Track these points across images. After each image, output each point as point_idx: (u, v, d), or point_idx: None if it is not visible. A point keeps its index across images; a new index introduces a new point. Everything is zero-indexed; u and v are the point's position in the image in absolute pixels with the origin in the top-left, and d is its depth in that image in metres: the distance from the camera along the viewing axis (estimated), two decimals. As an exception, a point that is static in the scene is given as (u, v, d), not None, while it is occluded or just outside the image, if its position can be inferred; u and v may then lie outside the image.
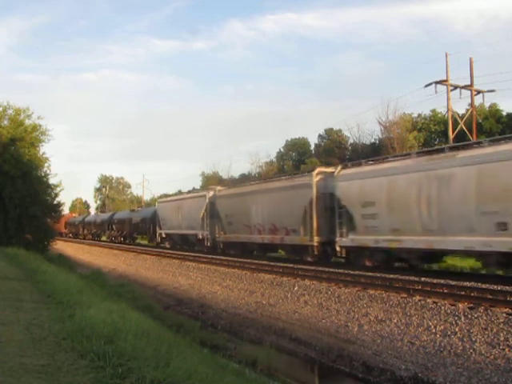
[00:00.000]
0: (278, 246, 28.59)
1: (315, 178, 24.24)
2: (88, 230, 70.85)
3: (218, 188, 36.70)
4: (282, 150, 72.16)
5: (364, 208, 20.71)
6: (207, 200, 35.37)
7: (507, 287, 14.14)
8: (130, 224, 54.39)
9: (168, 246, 43.71)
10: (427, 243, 17.95)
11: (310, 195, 24.04)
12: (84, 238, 69.10)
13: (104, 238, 64.30)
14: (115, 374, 5.13)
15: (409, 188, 18.67)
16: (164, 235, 44.20)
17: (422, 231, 18.13)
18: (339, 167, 23.49)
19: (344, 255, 22.68)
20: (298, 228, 24.91)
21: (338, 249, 22.37)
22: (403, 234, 18.88)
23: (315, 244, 23.72)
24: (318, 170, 25.40)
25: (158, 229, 45.12)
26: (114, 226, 60.01)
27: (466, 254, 19.13)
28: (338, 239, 22.17)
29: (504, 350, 10.02)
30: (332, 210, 22.94)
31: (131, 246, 47.20)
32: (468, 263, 22.16)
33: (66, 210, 65.10)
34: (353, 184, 21.56)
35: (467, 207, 16.45)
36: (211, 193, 35.67)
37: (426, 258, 19.81)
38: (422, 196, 18.08)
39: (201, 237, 35.99)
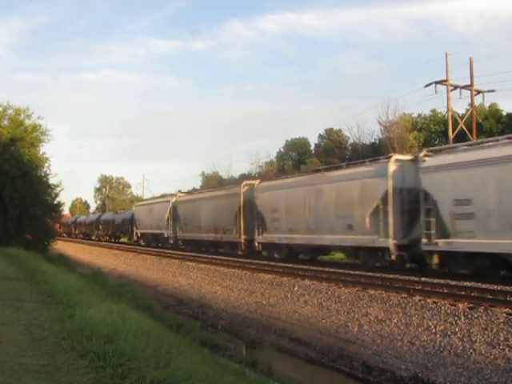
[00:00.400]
0: (218, 243, 34.38)
1: (243, 189, 30.82)
2: (79, 230, 77.46)
3: (179, 194, 43.75)
4: (282, 150, 72.24)
5: (272, 213, 27.38)
6: (170, 205, 41.96)
7: (507, 287, 14.15)
8: (113, 224, 60.84)
9: (143, 243, 49.79)
10: (309, 240, 24.65)
11: (239, 202, 30.67)
12: (76, 237, 74.71)
13: (94, 237, 68.82)
14: (115, 374, 5.13)
15: (298, 198, 25.16)
16: (139, 234, 50.79)
17: (306, 231, 24.60)
18: (258, 181, 31.40)
19: (261, 249, 29.37)
20: (232, 228, 31.45)
21: (256, 244, 29.19)
22: (295, 233, 25.53)
23: (242, 241, 30.42)
24: (245, 182, 32.42)
25: (134, 228, 51.47)
26: (100, 227, 66.47)
27: (333, 248, 25.44)
28: (256, 237, 29.04)
29: (504, 349, 10.02)
30: (253, 214, 29.40)
31: (131, 246, 47.16)
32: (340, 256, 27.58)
33: (66, 210, 69.04)
34: (265, 194, 28.48)
35: (330, 213, 22.93)
36: (174, 198, 42.29)
37: (316, 252, 26.18)
38: (306, 204, 24.55)
39: (166, 235, 42.28)
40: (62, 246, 44.13)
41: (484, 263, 16.71)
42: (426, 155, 18.97)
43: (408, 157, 21.18)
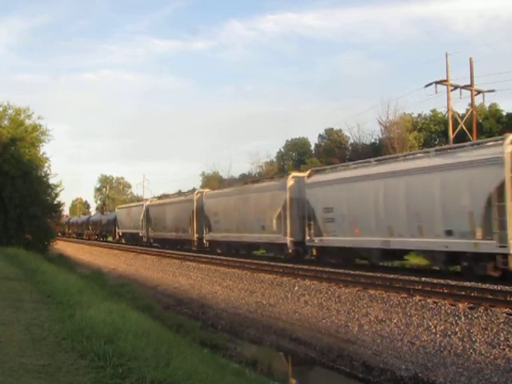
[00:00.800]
0: (178, 241, 39.94)
1: (195, 196, 37.30)
2: (72, 230, 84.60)
3: (150, 198, 51.84)
4: (282, 149, 72.20)
5: (214, 216, 33.77)
6: (144, 208, 48.12)
7: (507, 287, 14.15)
8: (100, 225, 67.20)
9: (123, 241, 55.25)
10: (239, 238, 30.55)
11: (192, 207, 36.86)
12: (69, 236, 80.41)
13: (84, 237, 74.36)
14: (115, 374, 5.14)
15: (232, 205, 31.46)
16: (121, 233, 57.01)
17: (237, 231, 30.64)
18: (207, 190, 38.34)
19: (208, 246, 35.46)
20: (187, 228, 37.70)
21: (205, 242, 35.40)
22: (230, 233, 31.62)
23: (195, 239, 36.56)
24: (197, 190, 39.76)
25: (117, 228, 57.91)
26: (90, 227, 73.19)
27: (257, 244, 30.02)
28: (204, 235, 35.32)
29: (504, 349, 10.02)
30: (202, 217, 35.41)
31: (131, 247, 47.14)
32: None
33: (66, 210, 72.01)
34: (210, 201, 35.01)
35: (251, 217, 28.92)
36: (147, 202, 49.58)
37: (248, 248, 30.97)
38: (236, 209, 30.79)
39: (141, 234, 48.15)
40: (61, 246, 44.14)
41: (344, 254, 22.95)
42: (309, 174, 25.27)
43: (303, 174, 26.67)
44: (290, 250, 25.78)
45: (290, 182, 26.34)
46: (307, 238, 24.47)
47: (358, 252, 22.26)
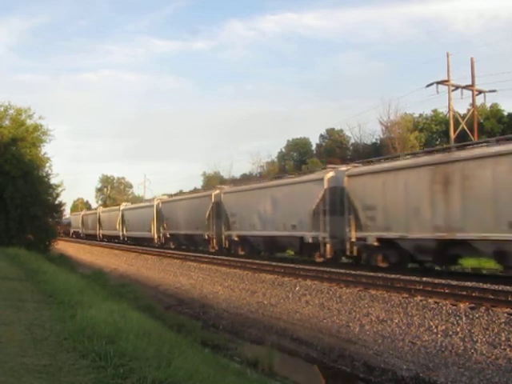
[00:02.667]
0: (145, 239, 46.75)
1: (156, 202, 45.64)
2: (60, 229, 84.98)
3: (124, 204, 59.59)
4: (283, 150, 72.21)
5: (167, 219, 42.36)
6: (120, 212, 54.75)
7: (508, 287, 14.13)
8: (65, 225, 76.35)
9: (105, 240, 61.35)
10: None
11: (153, 211, 44.84)
12: (59, 234, 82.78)
13: (70, 235, 79.73)
14: (116, 374, 5.14)
15: (180, 209, 40.15)
16: (101, 233, 64.18)
17: (184, 228, 38.62)
18: (168, 195, 48.46)
19: (163, 241, 43.44)
20: (150, 228, 45.55)
21: (163, 238, 43.36)
22: (179, 230, 39.72)
23: (156, 236, 44.29)
24: (160, 196, 48.70)
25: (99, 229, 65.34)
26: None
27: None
28: (162, 233, 43.36)
29: (505, 350, 10.02)
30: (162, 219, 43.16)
31: (132, 247, 47.22)
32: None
33: (67, 210, 73.55)
34: (169, 205, 43.19)
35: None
36: (122, 207, 56.16)
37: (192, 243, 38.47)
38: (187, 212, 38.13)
39: (119, 234, 55.49)
40: (63, 246, 44.16)
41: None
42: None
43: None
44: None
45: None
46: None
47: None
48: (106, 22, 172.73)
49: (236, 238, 30.94)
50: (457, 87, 34.64)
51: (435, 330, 11.77)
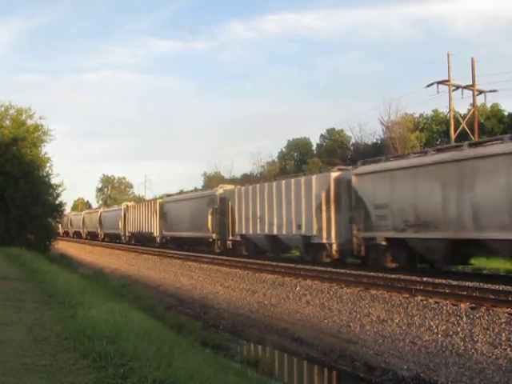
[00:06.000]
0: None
1: (123, 206, 56.25)
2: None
3: (103, 207, 73.61)
4: (283, 150, 72.15)
5: (131, 220, 51.84)
6: (122, 212, 56.44)
7: (509, 287, 14.14)
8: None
9: (88, 237, 68.73)
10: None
11: (122, 213, 54.48)
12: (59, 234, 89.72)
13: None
14: (117, 374, 5.14)
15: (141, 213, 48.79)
16: (86, 232, 71.38)
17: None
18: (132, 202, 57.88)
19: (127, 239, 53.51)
20: (117, 227, 55.61)
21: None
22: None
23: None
24: (126, 203, 58.99)
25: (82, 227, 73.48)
26: None
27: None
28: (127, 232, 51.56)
29: (506, 349, 10.02)
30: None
31: (133, 247, 47.30)
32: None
33: (67, 210, 74.25)
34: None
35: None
36: (101, 209, 67.75)
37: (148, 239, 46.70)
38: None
39: (97, 232, 64.80)
40: (64, 246, 44.21)
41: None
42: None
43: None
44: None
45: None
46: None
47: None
48: (106, 22, 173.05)
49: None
50: (457, 87, 34.66)
51: (436, 330, 11.77)
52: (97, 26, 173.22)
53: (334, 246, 22.65)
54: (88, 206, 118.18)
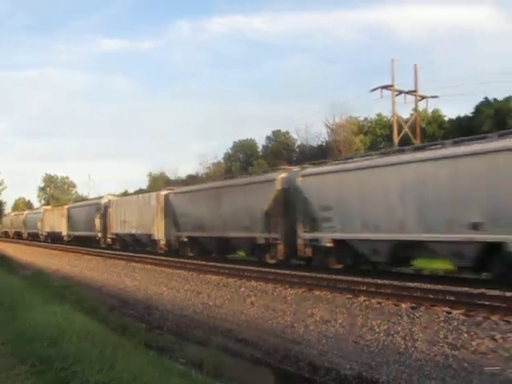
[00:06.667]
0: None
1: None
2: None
3: (44, 207, 69.24)
4: (229, 151, 72.17)
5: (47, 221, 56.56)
6: (24, 215, 68.86)
7: (447, 287, 14.59)
8: None
9: (29, 238, 66.63)
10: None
11: (41, 216, 59.08)
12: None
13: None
14: (57, 379, 5.02)
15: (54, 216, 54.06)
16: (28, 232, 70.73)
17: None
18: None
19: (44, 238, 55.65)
20: (37, 227, 60.41)
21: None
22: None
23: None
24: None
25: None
26: None
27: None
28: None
29: (443, 347, 10.31)
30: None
31: (75, 248, 46.29)
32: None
33: (8, 210, 73.48)
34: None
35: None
36: (26, 212, 72.82)
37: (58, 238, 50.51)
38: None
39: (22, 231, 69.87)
40: (3, 247, 42.85)
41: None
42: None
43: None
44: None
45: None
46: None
47: None
48: (50, 19, 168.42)
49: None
50: (400, 92, 35.53)
51: (378, 330, 12.00)
52: (39, 22, 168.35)
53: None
54: (29, 206, 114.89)
